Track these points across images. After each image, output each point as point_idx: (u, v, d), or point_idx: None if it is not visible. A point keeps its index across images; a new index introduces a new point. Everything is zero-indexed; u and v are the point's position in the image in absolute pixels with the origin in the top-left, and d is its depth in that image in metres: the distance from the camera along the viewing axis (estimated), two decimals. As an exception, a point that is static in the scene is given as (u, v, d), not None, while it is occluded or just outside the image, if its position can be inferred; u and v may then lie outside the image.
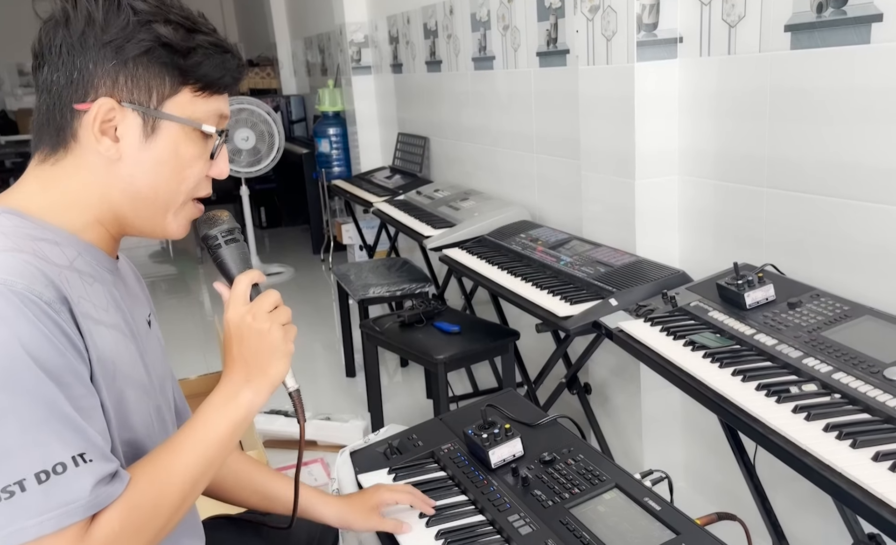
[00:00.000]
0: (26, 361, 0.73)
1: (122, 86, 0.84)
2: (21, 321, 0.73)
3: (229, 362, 0.91)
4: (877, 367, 1.20)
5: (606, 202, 2.19)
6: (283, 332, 0.92)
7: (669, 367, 1.42)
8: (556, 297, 1.90)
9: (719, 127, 1.89)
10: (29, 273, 0.76)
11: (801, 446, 1.08)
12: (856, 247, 1.57)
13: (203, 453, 0.87)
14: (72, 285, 0.80)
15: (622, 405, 2.29)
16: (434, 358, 2.23)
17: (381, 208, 3.40)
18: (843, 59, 1.52)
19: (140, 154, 0.86)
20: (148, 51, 0.83)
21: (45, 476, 0.73)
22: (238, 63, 0.91)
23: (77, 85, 0.83)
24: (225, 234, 0.96)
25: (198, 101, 0.88)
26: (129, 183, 0.87)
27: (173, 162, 0.88)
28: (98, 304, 0.84)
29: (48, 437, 0.74)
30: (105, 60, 0.83)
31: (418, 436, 1.39)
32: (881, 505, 0.95)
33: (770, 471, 1.61)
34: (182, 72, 0.86)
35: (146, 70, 0.84)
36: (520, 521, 1.08)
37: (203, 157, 0.91)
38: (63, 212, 0.86)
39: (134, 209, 0.89)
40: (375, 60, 4.55)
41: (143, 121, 0.85)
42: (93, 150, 0.85)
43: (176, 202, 0.90)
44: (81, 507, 0.75)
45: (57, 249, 0.82)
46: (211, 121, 0.90)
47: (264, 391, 0.91)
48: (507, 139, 2.99)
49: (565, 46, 2.47)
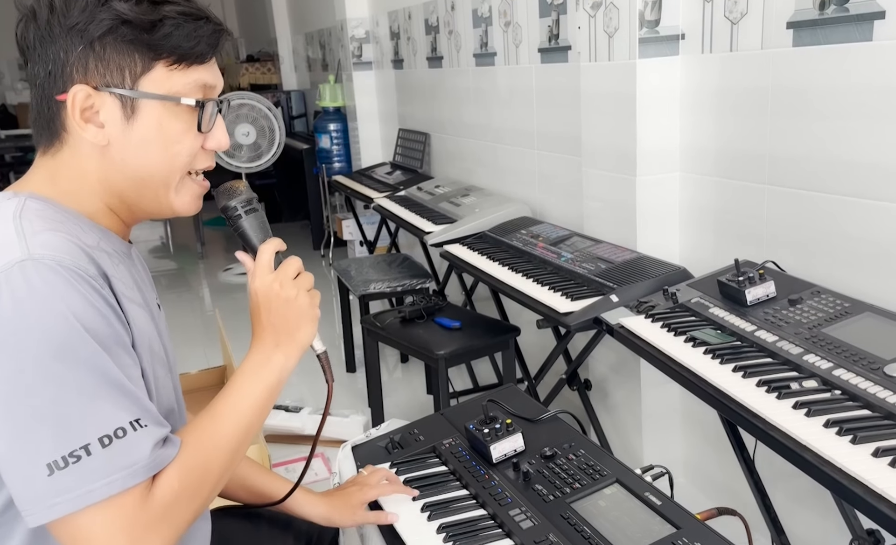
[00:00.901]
0: (81, 332, 0.75)
1: (94, 70, 0.83)
2: (73, 294, 0.75)
3: (258, 330, 0.94)
4: (877, 364, 1.20)
5: (607, 199, 2.19)
6: (310, 298, 0.96)
7: (670, 364, 1.42)
8: (557, 294, 1.90)
9: (721, 124, 1.89)
10: (73, 249, 0.78)
11: (801, 442, 1.09)
12: (857, 244, 1.57)
13: (241, 419, 0.90)
14: (104, 263, 0.82)
15: (622, 401, 2.30)
16: (435, 353, 2.23)
17: (381, 204, 3.40)
18: (845, 56, 1.52)
19: (126, 136, 0.85)
20: (111, 30, 0.82)
21: (108, 440, 0.76)
22: (213, 28, 0.87)
23: (55, 76, 0.84)
24: (244, 204, 0.98)
25: (175, 75, 0.86)
26: (122, 167, 0.87)
27: (159, 139, 0.86)
28: (126, 283, 0.87)
29: (107, 404, 0.76)
30: (73, 47, 0.82)
31: (419, 431, 1.39)
32: (881, 500, 0.95)
33: (770, 467, 1.62)
34: (150, 47, 0.84)
35: (114, 50, 0.83)
36: (521, 515, 1.08)
37: (191, 131, 0.89)
38: (77, 198, 0.87)
39: (135, 191, 0.89)
40: (376, 56, 4.55)
41: (122, 103, 0.84)
42: (82, 139, 0.85)
43: (174, 179, 0.90)
44: (143, 468, 0.78)
45: (83, 233, 0.84)
46: (191, 92, 0.87)
47: (294, 355, 0.94)
48: (509, 135, 2.99)
49: (567, 43, 2.47)
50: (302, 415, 2.76)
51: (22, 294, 0.73)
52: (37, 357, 0.73)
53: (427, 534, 1.09)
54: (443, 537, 1.07)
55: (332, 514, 1.17)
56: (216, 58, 0.91)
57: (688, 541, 0.97)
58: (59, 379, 0.74)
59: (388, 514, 1.15)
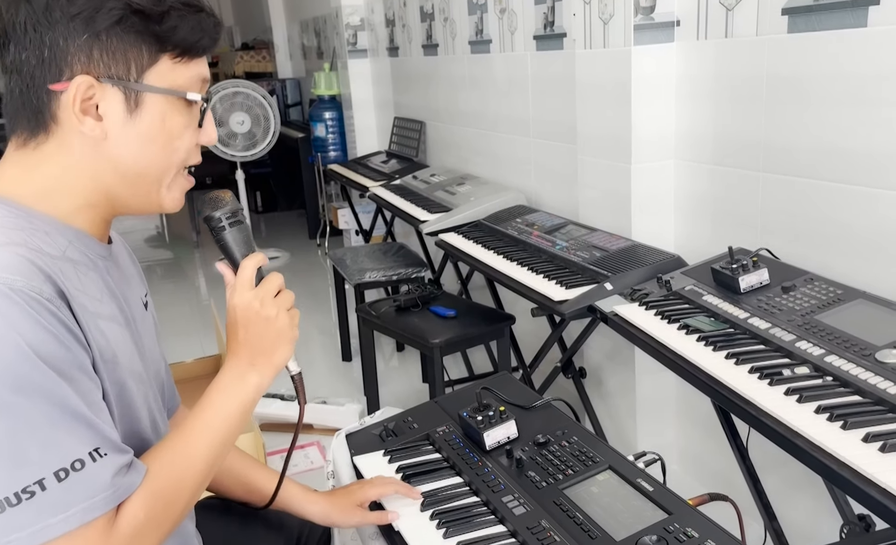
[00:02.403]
0: (35, 361, 0.71)
1: (98, 60, 0.79)
2: (25, 320, 0.71)
3: (234, 347, 0.91)
4: (868, 350, 1.21)
5: (602, 187, 2.19)
6: (289, 318, 0.93)
7: (664, 351, 1.43)
8: (552, 282, 1.90)
9: (716, 111, 1.89)
10: (27, 269, 0.74)
11: (792, 428, 1.09)
12: (850, 231, 1.58)
13: (214, 437, 0.88)
14: (67, 277, 0.78)
15: (616, 389, 2.30)
16: (430, 342, 2.23)
17: (377, 193, 3.39)
18: (839, 42, 1.52)
19: (126, 131, 0.82)
20: (120, 20, 0.79)
21: (65, 473, 0.73)
22: (214, 21, 0.86)
23: (49, 64, 0.79)
24: (229, 215, 0.95)
25: (178, 68, 0.83)
26: (118, 162, 0.83)
27: (162, 135, 0.84)
28: (93, 296, 0.82)
29: (63, 435, 0.73)
30: (76, 34, 0.78)
31: (414, 419, 1.39)
32: (871, 485, 0.96)
33: (762, 453, 1.63)
34: (158, 38, 0.81)
35: (121, 41, 0.79)
36: (514, 502, 1.08)
37: (191, 125, 0.87)
38: (50, 198, 0.82)
39: (126, 187, 0.85)
40: (371, 44, 4.53)
41: (126, 96, 0.81)
42: (76, 132, 0.81)
43: (168, 175, 0.87)
44: (103, 500, 0.75)
45: (48, 239, 0.80)
46: (194, 87, 0.86)
47: (269, 375, 0.92)
48: (504, 124, 2.98)
49: (562, 30, 2.46)
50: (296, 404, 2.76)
51: None
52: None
53: (420, 521, 1.09)
54: (436, 524, 1.07)
55: (331, 513, 1.15)
56: None
57: (679, 527, 0.98)
58: (11, 411, 0.70)
59: (389, 513, 1.11)
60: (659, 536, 0.97)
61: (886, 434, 1.02)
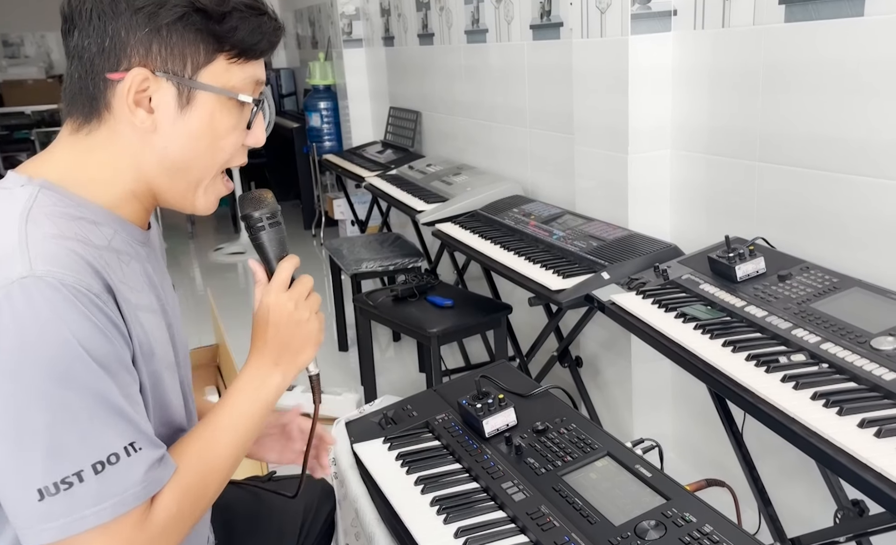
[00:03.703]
0: (81, 355, 0.73)
1: (157, 54, 0.81)
2: (74, 314, 0.73)
3: (260, 345, 0.93)
4: (864, 338, 1.22)
5: (599, 177, 2.19)
6: (318, 322, 0.96)
7: (661, 339, 1.44)
8: (549, 271, 1.91)
9: (712, 101, 1.89)
10: (77, 264, 0.75)
11: (789, 414, 1.11)
12: (846, 220, 1.59)
13: (237, 437, 0.90)
14: (112, 269, 0.80)
15: (613, 377, 2.32)
16: (427, 331, 2.24)
17: (372, 183, 3.39)
18: (836, 31, 1.53)
19: (175, 125, 0.83)
20: (182, 17, 0.80)
21: (101, 466, 0.75)
22: (275, 25, 0.87)
23: (109, 53, 0.80)
24: (269, 216, 0.98)
25: (234, 69, 0.85)
26: (163, 155, 0.84)
27: (209, 133, 0.85)
28: (135, 287, 0.84)
29: (103, 429, 0.75)
30: (137, 27, 0.80)
31: (413, 407, 1.40)
32: (866, 470, 0.97)
33: (758, 440, 1.64)
34: (217, 38, 0.82)
35: (181, 37, 0.81)
36: (513, 488, 1.09)
37: (239, 126, 0.88)
38: (98, 186, 0.84)
39: (167, 181, 0.87)
40: (367, 33, 4.51)
41: (178, 91, 0.82)
42: (127, 122, 0.82)
43: (210, 174, 0.88)
44: (135, 495, 0.77)
45: (96, 229, 0.82)
46: (247, 89, 0.87)
47: (291, 375, 0.94)
48: (500, 113, 2.98)
49: (559, 19, 2.46)
50: (295, 393, 2.77)
51: (23, 314, 0.71)
52: (35, 380, 0.71)
53: (421, 506, 1.10)
54: (436, 510, 1.08)
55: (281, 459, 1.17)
56: None
57: (677, 512, 0.99)
58: (56, 404, 0.72)
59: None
60: (657, 521, 0.98)
61: (881, 419, 1.03)
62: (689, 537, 0.94)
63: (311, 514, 1.22)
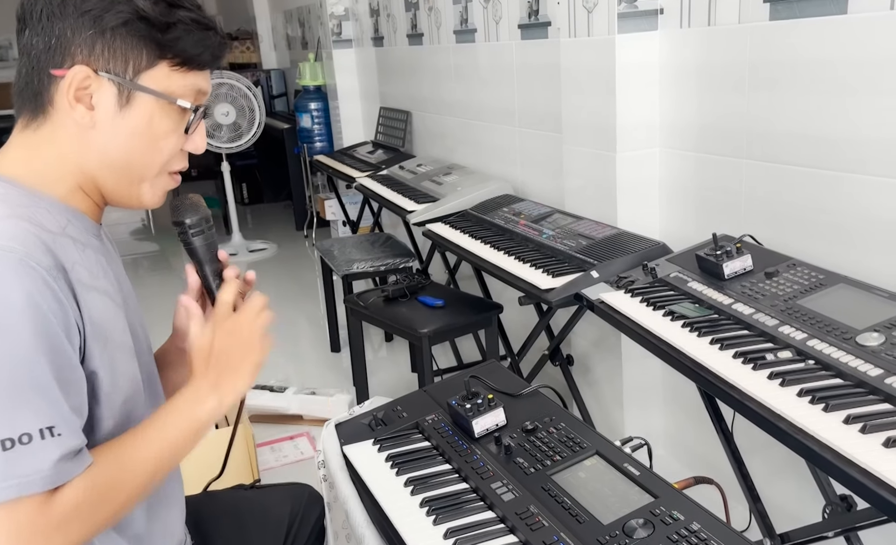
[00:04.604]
0: (18, 326, 0.73)
1: (99, 54, 0.84)
2: (17, 286, 0.74)
3: (202, 370, 0.93)
4: (849, 334, 1.23)
5: (588, 175, 2.20)
6: (263, 347, 0.96)
7: (649, 337, 1.44)
8: (539, 270, 1.91)
9: (699, 99, 1.90)
10: (28, 240, 0.77)
11: (775, 411, 1.11)
12: (831, 217, 1.60)
13: (162, 451, 0.89)
14: (67, 251, 0.82)
15: (604, 375, 2.32)
16: (418, 331, 2.24)
17: (363, 183, 3.39)
18: (820, 29, 1.53)
19: (114, 123, 0.86)
20: (126, 22, 0.84)
21: (10, 443, 0.74)
22: (219, 41, 0.91)
23: (55, 50, 0.84)
24: (205, 221, 0.99)
25: (175, 76, 0.88)
26: (102, 152, 0.87)
27: (147, 134, 0.88)
28: (91, 271, 0.86)
29: (21, 405, 0.74)
30: (83, 28, 0.83)
31: (403, 408, 1.40)
32: (851, 466, 0.98)
33: (747, 437, 1.65)
34: (160, 46, 0.86)
35: (123, 41, 0.84)
36: (503, 488, 1.10)
37: (177, 131, 0.91)
38: (48, 178, 0.87)
39: (109, 178, 0.89)
40: (356, 33, 4.50)
41: (119, 91, 0.85)
42: (68, 117, 0.85)
43: (150, 173, 0.91)
44: (41, 480, 0.75)
45: (49, 216, 0.84)
46: (188, 96, 0.90)
47: (228, 401, 0.94)
48: (490, 113, 2.98)
49: (547, 19, 2.46)
50: (287, 395, 2.76)
51: None
52: None
53: (410, 508, 1.10)
54: (426, 511, 1.08)
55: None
56: None
57: (665, 510, 1.00)
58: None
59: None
60: (645, 519, 0.98)
61: (866, 415, 1.04)
62: (677, 535, 0.95)
63: (298, 521, 1.22)
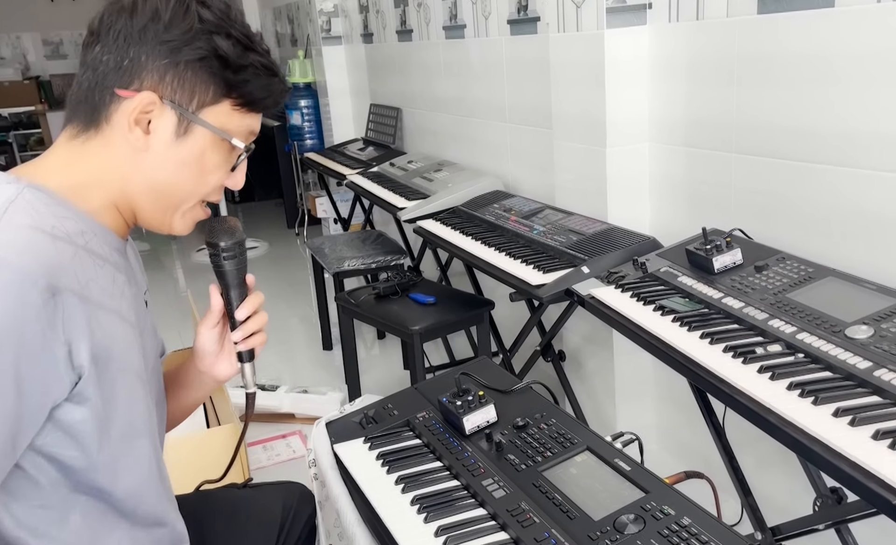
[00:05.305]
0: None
1: (168, 83, 0.85)
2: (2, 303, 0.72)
3: None
4: (839, 327, 1.23)
5: (578, 170, 2.20)
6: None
7: (640, 332, 1.44)
8: (530, 266, 1.91)
9: (689, 93, 1.90)
10: (43, 256, 0.76)
11: (765, 405, 1.11)
12: (820, 209, 1.60)
13: None
14: (84, 267, 0.81)
15: (596, 370, 2.33)
16: (409, 329, 2.24)
17: (354, 181, 3.38)
18: (807, 22, 1.54)
19: (167, 151, 0.87)
20: (202, 58, 0.85)
21: None
22: (283, 88, 0.93)
23: (125, 72, 0.84)
24: (238, 246, 1.01)
25: (234, 115, 0.90)
26: (149, 176, 0.88)
27: (196, 166, 0.89)
28: (105, 288, 0.85)
29: None
30: (159, 56, 0.84)
31: (394, 406, 1.40)
32: (840, 458, 0.98)
33: (738, 431, 1.65)
34: (228, 85, 0.88)
35: (195, 75, 0.86)
36: (494, 485, 1.10)
37: (225, 167, 0.93)
38: (83, 192, 0.86)
39: (147, 201, 0.90)
40: (346, 30, 4.49)
41: (179, 121, 0.87)
42: (122, 136, 0.86)
43: (188, 203, 0.93)
44: None
45: (75, 227, 0.83)
46: (241, 135, 0.92)
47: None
48: (480, 109, 2.98)
49: (536, 14, 2.46)
50: (279, 393, 2.76)
51: None
52: None
53: (401, 506, 1.10)
54: (416, 509, 1.08)
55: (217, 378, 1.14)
56: None
57: (656, 505, 1.00)
58: None
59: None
60: (636, 515, 0.98)
61: (855, 408, 1.04)
62: (668, 530, 0.95)
63: (289, 520, 1.22)
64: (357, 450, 1.27)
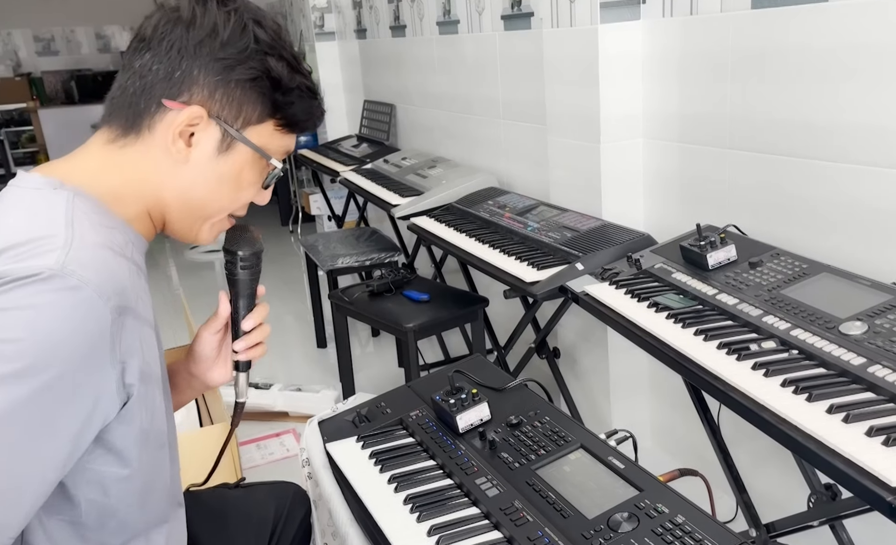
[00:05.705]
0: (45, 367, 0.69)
1: (217, 100, 0.85)
2: (70, 319, 0.70)
3: None
4: (833, 323, 1.23)
5: (572, 167, 2.19)
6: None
7: (634, 329, 1.44)
8: (524, 263, 1.90)
9: (682, 89, 1.89)
10: (115, 276, 0.75)
11: (759, 402, 1.11)
12: (814, 205, 1.60)
13: None
14: (134, 283, 0.81)
15: (590, 367, 2.32)
16: (403, 326, 2.23)
17: (348, 177, 3.36)
18: (802, 17, 1.53)
19: (207, 165, 0.87)
20: (254, 79, 0.85)
21: None
22: (322, 111, 0.95)
23: (175, 83, 0.84)
24: (255, 255, 1.01)
25: (276, 135, 0.90)
26: (186, 188, 0.88)
27: (233, 182, 0.90)
28: (144, 300, 0.84)
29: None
30: (211, 72, 0.84)
31: (387, 404, 1.39)
32: (834, 455, 0.98)
33: (733, 428, 1.65)
34: (275, 106, 0.88)
35: (244, 94, 0.86)
36: (487, 484, 1.09)
37: (257, 184, 0.94)
38: (121, 199, 0.86)
39: (179, 212, 0.90)
40: (339, 26, 4.47)
41: (222, 137, 0.87)
42: (163, 146, 0.85)
43: (217, 216, 0.93)
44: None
45: (122, 239, 0.83)
46: (279, 155, 0.92)
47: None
48: (474, 105, 2.97)
49: (529, 9, 2.45)
50: (272, 392, 2.74)
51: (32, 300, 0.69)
52: None
53: (394, 505, 1.09)
54: (409, 508, 1.07)
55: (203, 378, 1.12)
56: None
57: (650, 503, 0.99)
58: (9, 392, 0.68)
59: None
60: (630, 513, 0.98)
61: (849, 405, 1.04)
62: (662, 528, 0.94)
63: (283, 520, 1.21)
64: (349, 449, 1.26)
